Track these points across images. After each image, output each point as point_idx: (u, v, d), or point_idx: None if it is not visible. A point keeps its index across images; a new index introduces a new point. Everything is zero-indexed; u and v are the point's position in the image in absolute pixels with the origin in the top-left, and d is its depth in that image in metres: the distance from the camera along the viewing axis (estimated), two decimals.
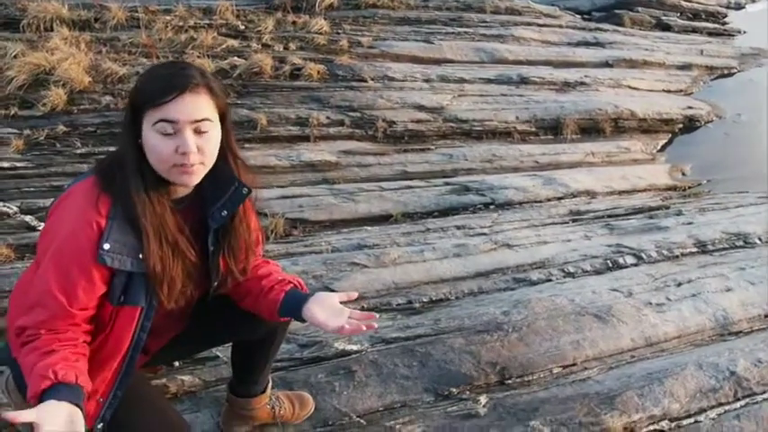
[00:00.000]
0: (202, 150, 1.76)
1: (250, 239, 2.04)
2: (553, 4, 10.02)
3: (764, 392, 3.01)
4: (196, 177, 1.80)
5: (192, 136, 1.73)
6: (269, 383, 2.52)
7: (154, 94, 1.70)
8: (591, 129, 6.32)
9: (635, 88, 7.34)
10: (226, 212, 1.92)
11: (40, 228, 3.87)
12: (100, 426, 1.88)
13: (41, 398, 1.59)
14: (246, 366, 2.41)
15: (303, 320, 2.03)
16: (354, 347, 3.04)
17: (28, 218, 3.96)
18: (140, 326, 1.85)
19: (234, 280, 2.05)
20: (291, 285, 2.11)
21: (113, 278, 1.77)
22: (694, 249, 4.23)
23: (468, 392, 2.89)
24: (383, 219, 4.48)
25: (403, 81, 6.43)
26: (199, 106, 1.74)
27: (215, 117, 1.80)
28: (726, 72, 8.56)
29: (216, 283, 2.03)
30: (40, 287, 1.73)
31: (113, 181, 1.74)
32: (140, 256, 1.76)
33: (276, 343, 2.34)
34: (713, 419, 2.86)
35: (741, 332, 3.49)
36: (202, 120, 1.75)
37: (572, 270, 3.90)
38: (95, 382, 1.84)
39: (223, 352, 2.84)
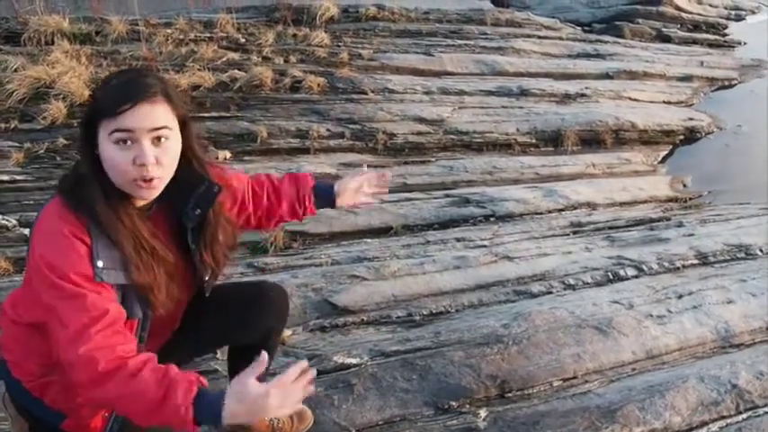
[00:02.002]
0: (161, 161, 1.69)
1: (231, 229, 2.02)
2: (553, 17, 10.06)
3: (766, 405, 2.98)
4: (155, 191, 1.74)
5: (149, 146, 1.67)
6: None
7: (109, 105, 1.64)
8: (591, 140, 6.32)
9: (635, 100, 7.34)
10: (199, 211, 1.87)
11: None
12: None
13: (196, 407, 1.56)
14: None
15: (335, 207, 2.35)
16: (354, 360, 3.02)
17: (27, 231, 3.95)
18: (138, 337, 1.84)
19: (224, 268, 2.04)
20: (311, 184, 2.30)
21: None
22: (695, 261, 4.21)
23: (468, 406, 2.87)
24: (383, 231, 4.47)
25: (403, 93, 6.44)
26: (156, 115, 1.68)
27: (174, 125, 1.73)
28: (726, 83, 8.57)
29: (207, 278, 2.00)
30: (71, 327, 1.61)
31: (80, 199, 1.68)
32: (124, 267, 1.72)
33: (271, 345, 2.33)
34: None
35: (743, 344, 3.47)
36: (160, 128, 1.69)
37: (572, 282, 3.88)
38: None
39: (222, 366, 2.82)
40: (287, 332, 3.18)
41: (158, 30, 6.83)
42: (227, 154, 5.05)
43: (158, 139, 1.69)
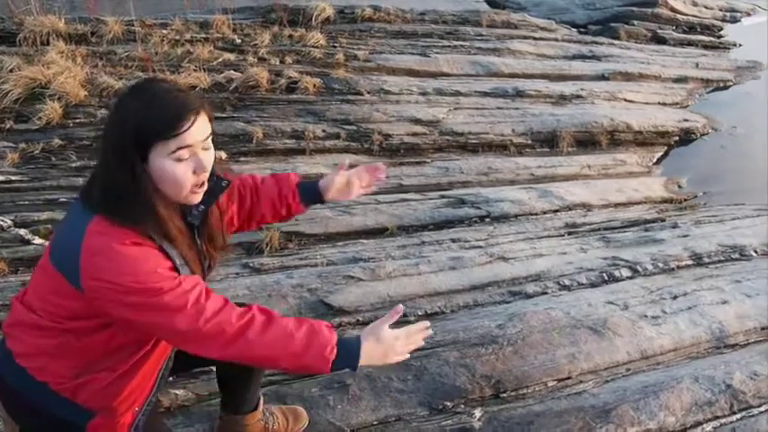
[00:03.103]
0: (210, 165, 1.79)
1: (223, 224, 2.06)
2: (549, 18, 10.06)
3: (760, 405, 3.00)
4: (202, 194, 1.83)
5: (205, 155, 1.76)
6: (260, 399, 2.51)
7: (166, 126, 1.68)
8: (587, 141, 6.33)
9: (631, 101, 7.35)
10: (203, 207, 1.91)
11: (35, 241, 3.87)
12: None
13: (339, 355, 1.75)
14: (233, 386, 2.41)
15: (324, 203, 2.32)
16: None
17: (22, 231, 3.95)
18: None
19: (216, 262, 2.08)
20: (295, 181, 2.28)
21: None
22: (690, 262, 4.22)
23: (462, 406, 2.88)
24: (378, 232, 4.47)
25: (399, 94, 6.44)
26: (205, 127, 1.76)
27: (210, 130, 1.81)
28: (721, 85, 8.59)
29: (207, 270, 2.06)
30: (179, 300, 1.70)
31: (131, 214, 1.71)
32: (183, 262, 1.80)
33: (257, 369, 2.34)
34: None
35: (737, 345, 3.48)
36: (208, 137, 1.77)
37: (567, 283, 3.89)
38: (137, 393, 1.92)
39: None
40: None
41: (154, 30, 6.83)
42: (223, 155, 5.04)
43: (206, 146, 1.77)
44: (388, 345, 1.80)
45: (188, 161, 1.72)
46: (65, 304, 1.77)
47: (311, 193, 2.28)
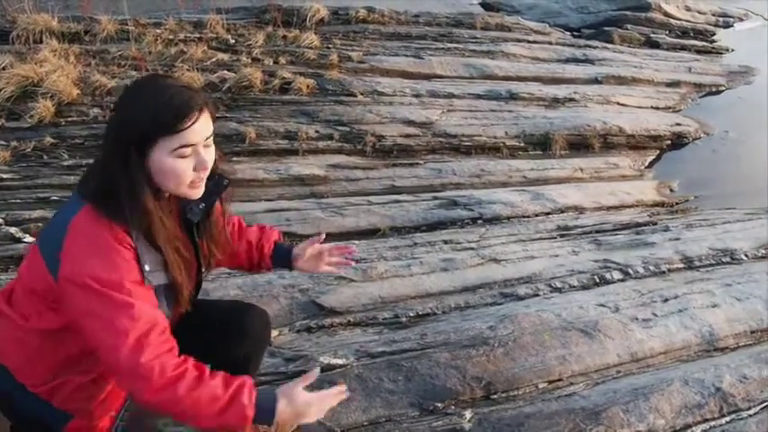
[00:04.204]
0: (211, 162, 1.81)
1: (223, 220, 2.08)
2: (543, 21, 10.09)
3: (750, 409, 3.01)
4: (202, 189, 1.83)
5: (206, 152, 1.77)
6: None
7: (169, 123, 1.68)
8: (579, 145, 6.34)
9: (624, 105, 7.38)
10: (203, 205, 1.93)
11: (26, 239, 3.85)
12: None
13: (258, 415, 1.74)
14: None
15: (292, 269, 2.34)
16: (340, 361, 3.03)
17: (13, 229, 3.94)
18: None
19: (217, 260, 2.11)
20: (276, 237, 2.33)
21: None
22: (681, 265, 4.23)
23: (453, 407, 2.88)
24: (371, 233, 4.47)
25: (392, 96, 6.45)
26: (208, 125, 1.77)
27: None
28: (714, 89, 8.61)
29: (203, 273, 2.08)
30: (127, 319, 1.67)
31: (120, 208, 1.71)
32: (162, 267, 1.80)
33: (252, 366, 2.34)
34: None
35: (727, 348, 3.49)
36: (210, 135, 1.78)
37: (559, 285, 3.89)
38: (113, 398, 1.92)
39: None
40: (273, 333, 3.18)
41: (148, 30, 6.82)
42: None
43: (208, 144, 1.79)
44: (300, 410, 1.80)
45: (189, 158, 1.74)
46: (39, 299, 1.78)
47: (284, 255, 2.31)
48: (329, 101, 6.10)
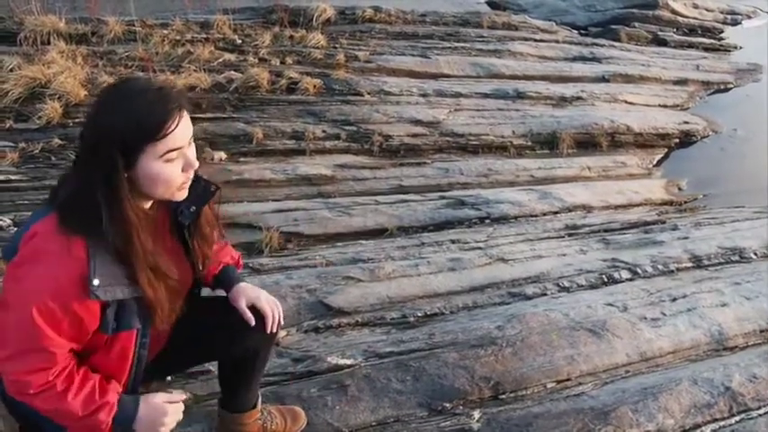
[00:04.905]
0: (195, 159, 1.80)
1: (214, 222, 2.08)
2: (550, 20, 10.07)
3: (759, 408, 2.99)
4: (187, 188, 1.82)
5: (192, 152, 1.77)
6: (258, 398, 2.50)
7: (154, 130, 1.66)
8: (587, 143, 6.32)
9: (631, 103, 7.35)
10: (194, 208, 1.94)
11: None
12: None
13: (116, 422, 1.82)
14: (233, 383, 2.40)
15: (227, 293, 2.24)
16: (347, 362, 3.02)
17: None
18: (139, 344, 1.86)
19: (209, 264, 2.11)
20: (231, 261, 2.29)
21: (105, 310, 1.75)
22: (690, 264, 4.21)
23: (461, 407, 2.87)
24: (378, 233, 4.46)
25: (399, 95, 6.44)
26: (188, 123, 1.75)
27: None
28: (722, 87, 8.58)
29: (199, 272, 2.08)
30: (25, 332, 1.69)
31: (85, 219, 1.68)
32: (127, 281, 1.75)
33: (260, 360, 2.33)
34: None
35: (736, 347, 3.48)
36: (192, 134, 1.77)
37: (567, 284, 3.88)
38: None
39: (215, 366, 2.81)
40: (281, 333, 3.18)
41: (155, 30, 6.83)
42: (223, 155, 5.05)
43: (191, 142, 1.77)
44: (158, 421, 1.88)
45: (176, 160, 1.73)
46: None
47: (225, 280, 2.23)
48: (336, 101, 6.10)
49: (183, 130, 1.71)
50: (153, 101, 1.68)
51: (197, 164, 1.78)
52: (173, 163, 1.72)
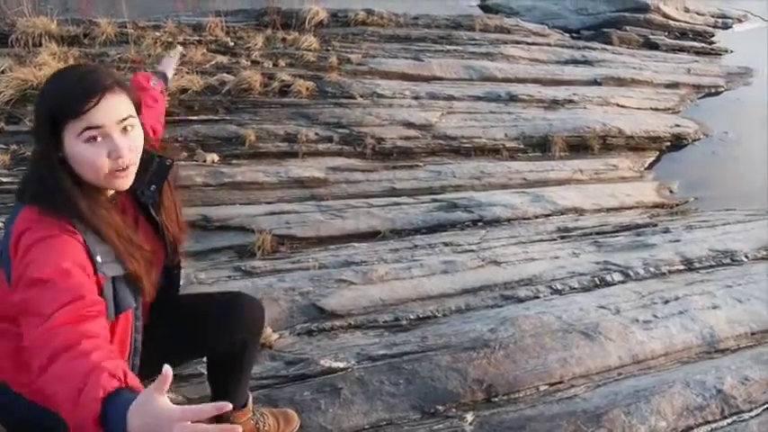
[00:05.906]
0: (132, 149, 1.74)
1: (178, 198, 2.07)
2: (542, 23, 10.08)
3: (751, 410, 3.01)
4: (130, 179, 1.78)
5: (121, 138, 1.71)
6: (249, 398, 2.50)
7: (72, 104, 1.65)
8: (579, 146, 6.33)
9: (623, 106, 7.37)
10: (154, 187, 1.93)
11: None
12: None
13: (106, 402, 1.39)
14: (222, 381, 2.40)
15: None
16: (340, 365, 3.03)
17: None
18: (134, 328, 1.86)
19: (179, 241, 2.08)
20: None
21: (101, 294, 1.72)
22: (681, 267, 4.23)
23: (454, 410, 2.88)
24: (371, 235, 4.46)
25: (392, 98, 6.44)
26: (120, 106, 1.71)
27: (134, 112, 1.77)
28: (713, 91, 8.61)
29: (176, 254, 2.08)
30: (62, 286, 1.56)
31: (58, 202, 1.68)
32: (114, 257, 1.75)
33: (249, 355, 2.34)
34: None
35: (728, 350, 3.49)
36: (126, 118, 1.72)
37: (559, 287, 3.89)
38: None
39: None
40: (274, 336, 3.18)
41: (147, 32, 6.81)
42: (215, 157, 5.04)
43: (125, 129, 1.72)
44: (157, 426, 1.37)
45: (101, 143, 1.68)
46: (6, 301, 1.74)
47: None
48: (329, 103, 6.09)
49: (105, 110, 1.67)
50: (81, 79, 1.69)
51: (127, 152, 1.71)
52: (94, 145, 1.68)
